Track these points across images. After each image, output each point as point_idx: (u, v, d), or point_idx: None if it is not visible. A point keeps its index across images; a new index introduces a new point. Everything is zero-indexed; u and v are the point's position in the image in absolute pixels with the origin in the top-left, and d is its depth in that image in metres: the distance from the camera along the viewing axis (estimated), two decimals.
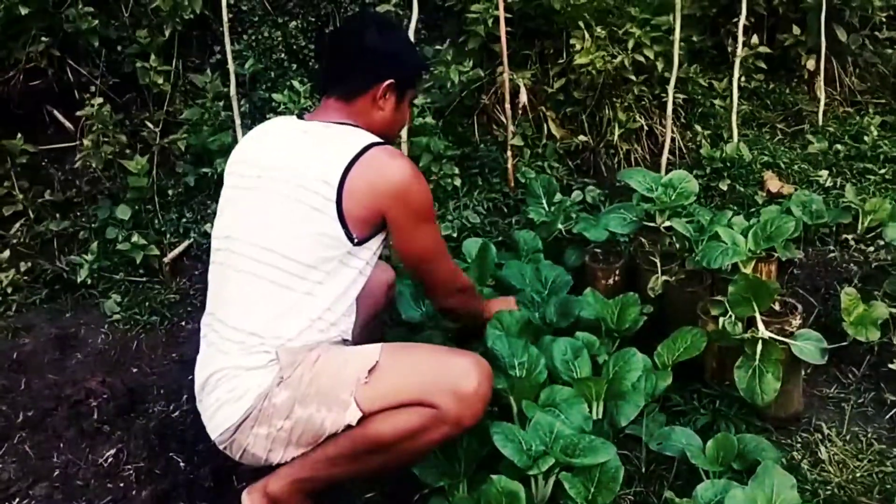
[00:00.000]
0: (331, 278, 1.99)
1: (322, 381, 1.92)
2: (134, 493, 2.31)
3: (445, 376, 1.91)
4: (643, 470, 2.26)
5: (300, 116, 2.20)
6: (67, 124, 3.76)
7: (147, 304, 3.26)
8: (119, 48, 3.71)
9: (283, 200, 1.98)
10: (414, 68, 2.26)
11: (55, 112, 3.77)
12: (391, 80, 2.12)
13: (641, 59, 3.83)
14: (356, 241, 1.98)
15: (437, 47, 3.71)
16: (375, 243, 2.07)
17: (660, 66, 3.87)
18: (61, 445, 2.47)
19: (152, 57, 3.59)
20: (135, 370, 2.93)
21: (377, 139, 2.07)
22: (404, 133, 3.40)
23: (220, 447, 2.02)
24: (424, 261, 2.16)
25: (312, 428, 1.92)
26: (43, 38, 3.53)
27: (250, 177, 2.08)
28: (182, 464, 2.43)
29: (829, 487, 2.15)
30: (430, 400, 1.88)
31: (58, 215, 3.56)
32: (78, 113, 3.55)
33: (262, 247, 1.98)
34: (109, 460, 2.40)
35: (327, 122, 2.10)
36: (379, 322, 2.60)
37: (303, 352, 1.95)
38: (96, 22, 3.54)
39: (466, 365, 1.94)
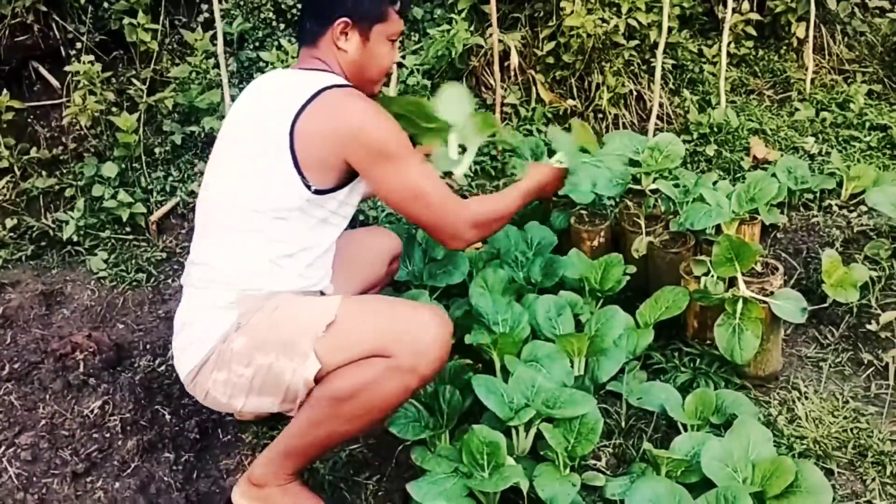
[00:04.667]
0: (290, 226, 1.99)
1: (282, 330, 1.93)
2: (119, 443, 2.34)
3: (401, 327, 1.90)
4: (623, 424, 2.29)
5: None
6: (53, 81, 3.73)
7: (133, 261, 3.26)
8: (106, 5, 3.67)
9: (244, 149, 2.03)
10: (367, 3, 2.12)
11: (41, 69, 3.74)
12: (344, 19, 2.07)
13: (634, 23, 3.83)
14: (314, 189, 1.97)
15: (437, 10, 3.69)
16: (343, 193, 2.06)
17: (653, 34, 3.87)
18: (47, 397, 2.48)
19: (139, 14, 3.56)
20: (121, 326, 2.95)
21: (338, 82, 2.04)
22: (392, 93, 3.39)
23: (189, 391, 2.07)
24: (407, 202, 2.06)
25: (274, 377, 1.93)
26: None
27: (228, 132, 2.13)
28: (168, 416, 2.45)
29: (804, 442, 2.19)
30: (385, 350, 1.87)
31: (44, 172, 3.54)
32: (66, 68, 3.53)
33: (227, 195, 2.03)
34: (95, 411, 2.42)
35: (300, 69, 2.12)
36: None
37: (262, 299, 1.97)
38: None
39: (424, 316, 1.93)
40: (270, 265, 1.99)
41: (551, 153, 3.64)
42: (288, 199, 1.97)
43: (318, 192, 1.98)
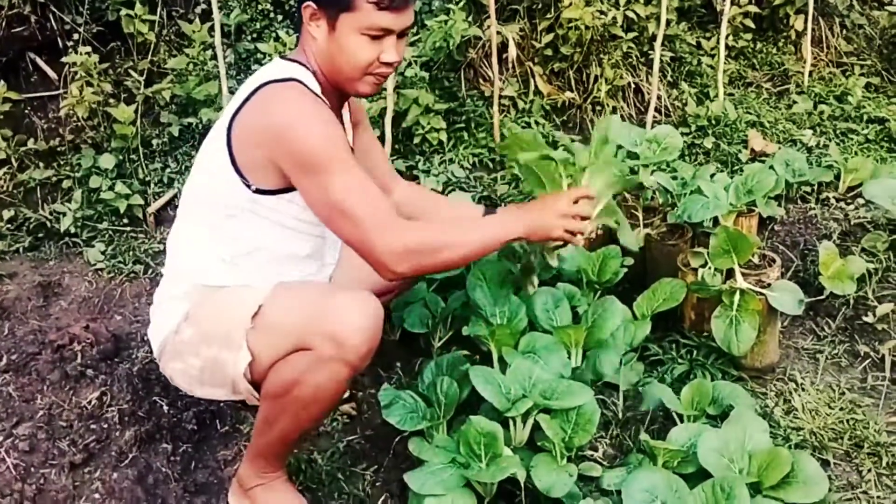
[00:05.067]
0: (244, 224, 1.93)
1: (221, 322, 1.92)
2: (117, 433, 2.34)
3: (320, 317, 1.81)
4: (620, 416, 2.30)
5: None
6: (51, 72, 3.72)
7: (131, 252, 3.26)
8: None
9: (204, 146, 2.00)
10: None
11: (38, 60, 3.73)
12: (310, 3, 1.89)
13: (632, 15, 3.83)
14: (254, 188, 1.88)
15: (434, 1, 3.69)
16: (299, 197, 1.90)
17: (651, 26, 3.88)
18: (45, 388, 2.48)
19: (137, 5, 3.55)
20: (118, 317, 2.95)
21: (288, 75, 1.90)
22: (391, 85, 3.38)
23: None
24: (332, 219, 1.85)
25: (220, 369, 1.93)
26: None
27: None
28: (165, 407, 2.45)
29: (800, 433, 2.19)
30: (307, 342, 1.82)
31: (41, 164, 3.54)
32: (63, 59, 3.53)
33: (190, 188, 2.03)
34: (93, 402, 2.42)
35: (279, 58, 2.01)
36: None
37: (214, 291, 1.96)
38: None
39: (344, 303, 1.82)
40: (223, 263, 1.97)
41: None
42: (233, 197, 1.90)
43: (260, 191, 1.89)
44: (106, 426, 2.36)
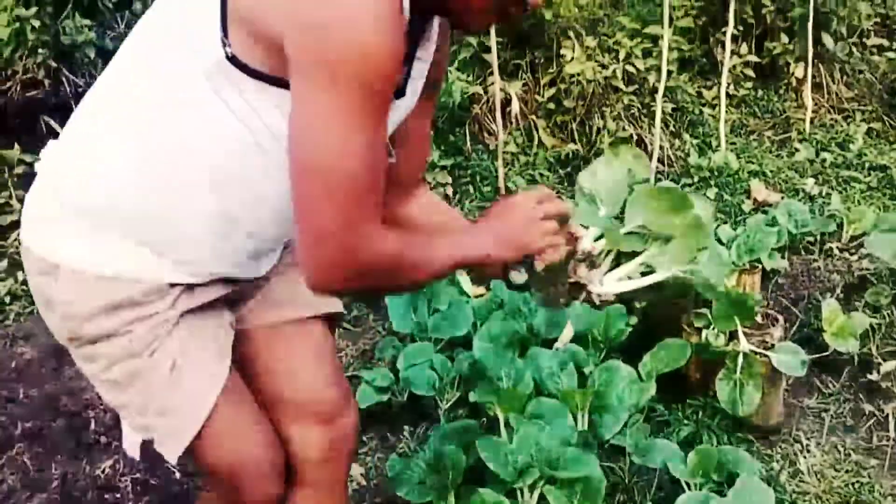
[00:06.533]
0: (181, 106, 1.24)
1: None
2: (131, 503, 2.37)
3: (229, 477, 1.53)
4: (626, 481, 2.31)
5: None
6: None
7: None
8: None
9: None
10: None
11: (52, 122, 3.81)
12: None
13: (632, 69, 3.89)
14: (231, 54, 1.16)
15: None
16: (277, 96, 1.18)
17: (651, 78, 3.94)
18: (59, 457, 2.51)
19: None
20: None
21: None
22: None
23: None
24: (298, 164, 1.14)
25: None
26: (40, 50, 3.57)
27: None
28: (178, 475, 2.48)
29: (807, 498, 2.21)
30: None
31: None
32: None
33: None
34: (107, 471, 2.45)
35: None
36: None
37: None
38: (92, 34, 3.60)
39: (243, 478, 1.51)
40: (119, 182, 1.32)
41: None
42: (188, 64, 1.21)
43: (235, 61, 1.17)
44: (119, 496, 2.39)
